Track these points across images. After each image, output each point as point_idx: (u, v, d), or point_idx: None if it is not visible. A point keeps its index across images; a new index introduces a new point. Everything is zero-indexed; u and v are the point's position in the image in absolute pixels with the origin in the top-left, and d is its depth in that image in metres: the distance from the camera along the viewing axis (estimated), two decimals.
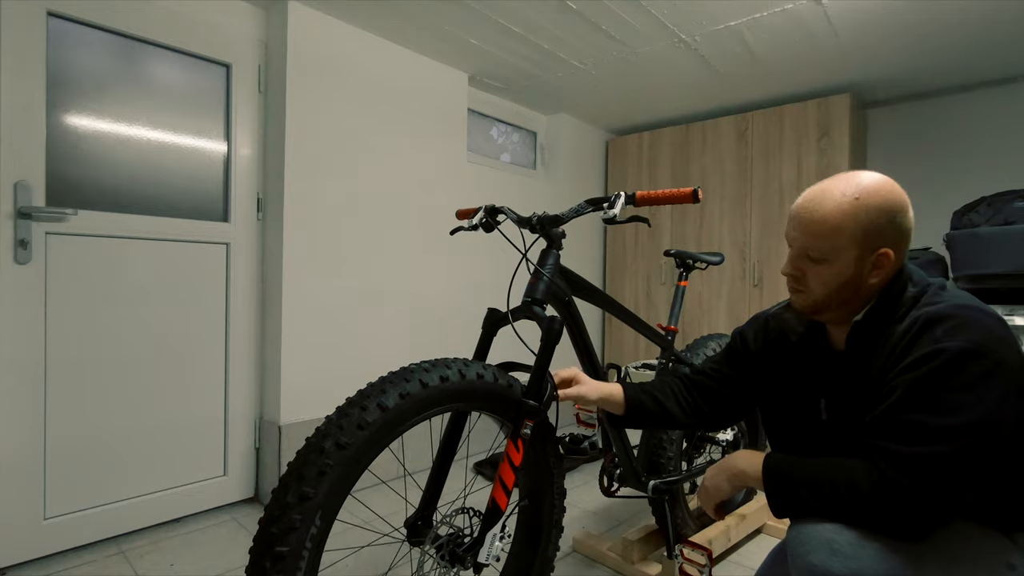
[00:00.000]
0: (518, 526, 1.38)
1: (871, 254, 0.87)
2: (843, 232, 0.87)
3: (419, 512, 1.17)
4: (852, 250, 0.87)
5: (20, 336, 1.67)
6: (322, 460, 0.90)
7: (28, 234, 1.67)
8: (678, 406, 1.22)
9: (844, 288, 0.90)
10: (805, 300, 0.95)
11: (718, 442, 1.90)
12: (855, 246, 0.87)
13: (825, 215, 0.88)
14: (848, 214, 0.87)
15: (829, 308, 0.93)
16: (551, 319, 1.17)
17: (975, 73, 2.72)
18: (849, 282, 0.89)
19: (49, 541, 1.73)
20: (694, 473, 1.75)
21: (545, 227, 1.28)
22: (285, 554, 0.86)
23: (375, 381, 1.02)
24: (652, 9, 2.15)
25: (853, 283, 0.89)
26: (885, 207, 0.86)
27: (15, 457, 1.67)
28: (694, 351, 1.86)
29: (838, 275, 0.89)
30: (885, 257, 0.87)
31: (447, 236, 2.74)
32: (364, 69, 2.37)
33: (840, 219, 0.87)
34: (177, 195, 2.01)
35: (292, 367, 2.16)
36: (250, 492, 2.21)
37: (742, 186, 3.19)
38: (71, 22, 1.76)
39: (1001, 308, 2.02)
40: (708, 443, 1.93)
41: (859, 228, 0.86)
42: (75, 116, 1.78)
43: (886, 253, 0.87)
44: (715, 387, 1.20)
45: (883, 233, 0.87)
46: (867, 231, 0.86)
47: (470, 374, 1.10)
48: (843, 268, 0.89)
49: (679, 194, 1.16)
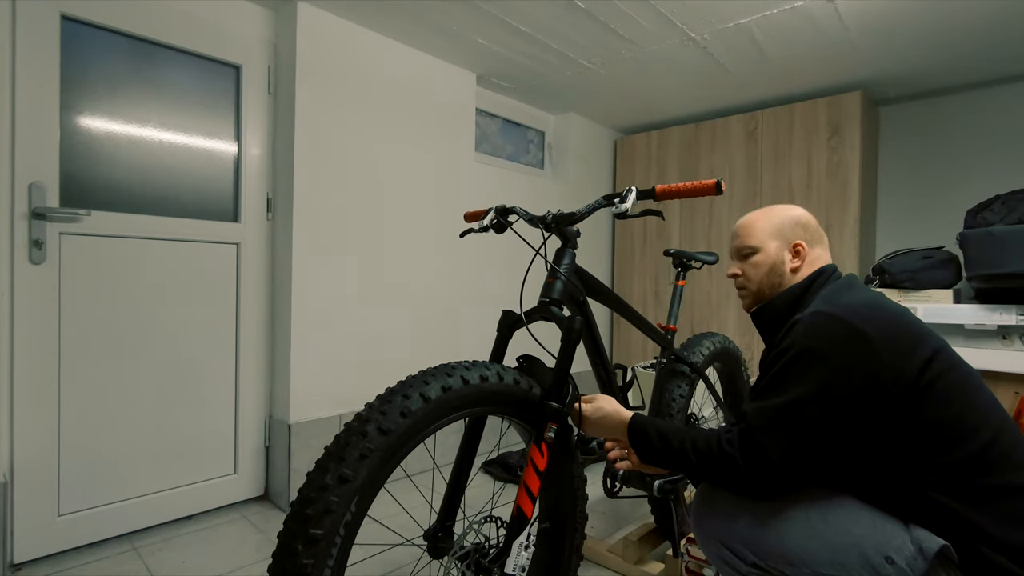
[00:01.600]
0: (536, 550, 1.33)
1: (788, 244, 1.17)
2: (765, 228, 1.18)
3: (439, 522, 1.13)
4: (773, 239, 1.17)
5: (35, 335, 1.69)
6: (364, 443, 0.88)
7: (43, 234, 1.69)
8: None
9: (772, 273, 1.16)
10: (748, 297, 1.22)
11: None
12: (774, 237, 1.17)
13: (751, 221, 1.21)
14: (764, 218, 1.20)
15: (765, 296, 1.19)
16: (570, 319, 1.16)
17: (988, 70, 2.68)
18: (775, 267, 1.16)
19: (63, 538, 1.76)
20: None
21: (560, 226, 1.27)
22: (319, 537, 0.81)
23: (416, 374, 1.00)
24: (661, 8, 2.14)
25: (778, 268, 1.16)
26: (791, 215, 1.18)
27: (30, 454, 1.69)
28: (690, 349, 1.86)
29: (766, 260, 1.17)
30: (800, 247, 1.15)
31: (456, 236, 2.75)
32: (373, 69, 2.37)
33: (761, 222, 1.20)
34: (188, 196, 2.03)
35: (302, 366, 2.17)
36: (260, 490, 2.23)
37: (751, 185, 3.17)
38: (84, 25, 1.78)
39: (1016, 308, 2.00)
40: None
41: (774, 226, 1.18)
42: (88, 118, 1.80)
43: (800, 244, 1.15)
44: None
45: (794, 230, 1.17)
46: (781, 228, 1.17)
47: (507, 377, 1.09)
48: (768, 254, 1.17)
49: (701, 186, 1.15)
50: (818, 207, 2.93)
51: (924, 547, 0.84)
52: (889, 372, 0.90)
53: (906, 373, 0.89)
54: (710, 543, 1.02)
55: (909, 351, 0.91)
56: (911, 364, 0.90)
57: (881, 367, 0.90)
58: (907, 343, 0.92)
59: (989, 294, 2.08)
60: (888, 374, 0.89)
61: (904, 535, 0.87)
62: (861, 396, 0.90)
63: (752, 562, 0.94)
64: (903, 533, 0.87)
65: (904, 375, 0.89)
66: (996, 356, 2.04)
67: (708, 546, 1.03)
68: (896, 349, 0.91)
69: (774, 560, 0.92)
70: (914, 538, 0.86)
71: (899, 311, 0.97)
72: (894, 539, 0.87)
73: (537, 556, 1.32)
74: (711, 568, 1.48)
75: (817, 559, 0.88)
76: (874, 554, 0.86)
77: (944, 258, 2.24)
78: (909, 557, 0.84)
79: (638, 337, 3.66)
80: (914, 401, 0.89)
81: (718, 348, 1.96)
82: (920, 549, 0.84)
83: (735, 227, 1.25)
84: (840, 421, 0.90)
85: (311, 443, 2.18)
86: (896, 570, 0.84)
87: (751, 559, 0.94)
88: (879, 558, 0.85)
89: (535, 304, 1.25)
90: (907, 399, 0.89)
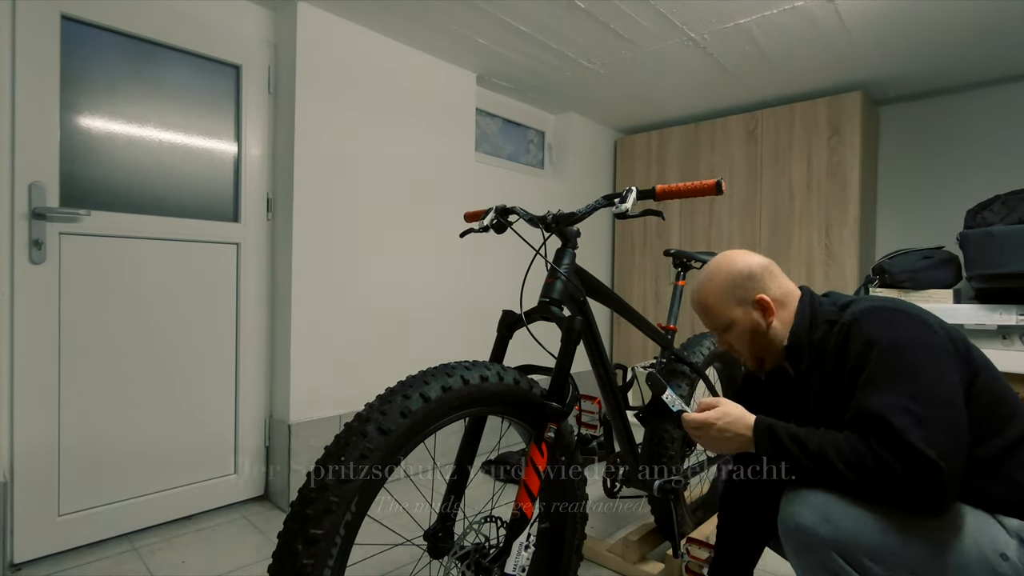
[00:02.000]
0: (536, 550, 1.32)
1: (750, 303, 1.11)
2: (720, 303, 1.12)
3: (439, 522, 1.13)
4: (734, 309, 1.12)
5: (35, 335, 1.69)
6: (364, 443, 0.88)
7: (43, 234, 1.69)
8: None
9: (756, 336, 1.11)
10: (749, 361, 1.17)
11: None
12: (735, 305, 1.11)
13: (703, 301, 1.16)
14: (714, 291, 1.14)
15: (763, 359, 1.14)
16: (571, 319, 1.15)
17: (989, 70, 2.68)
18: (755, 330, 1.11)
19: (63, 538, 1.76)
20: (697, 471, 1.74)
21: (560, 225, 1.27)
22: (319, 537, 0.81)
23: (416, 374, 1.00)
24: (661, 8, 2.14)
25: (758, 330, 1.11)
26: (733, 273, 1.12)
27: (30, 454, 1.69)
28: (689, 349, 1.86)
29: (744, 329, 1.12)
30: (763, 301, 1.09)
31: (456, 236, 2.75)
32: (373, 69, 2.37)
33: (712, 296, 1.14)
34: (188, 196, 2.03)
35: (302, 366, 2.17)
36: (260, 490, 2.23)
37: (751, 185, 3.17)
38: (84, 25, 1.78)
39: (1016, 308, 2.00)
40: None
41: (727, 294, 1.12)
42: (88, 117, 1.80)
43: (760, 298, 1.09)
44: None
45: (744, 287, 1.11)
46: (734, 293, 1.11)
47: (507, 377, 1.09)
48: (742, 323, 1.11)
49: (702, 186, 1.14)
50: (818, 207, 2.93)
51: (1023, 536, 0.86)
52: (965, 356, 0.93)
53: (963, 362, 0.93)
54: (818, 552, 0.90)
55: (960, 340, 0.95)
56: (964, 354, 0.94)
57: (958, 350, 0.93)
58: (953, 333, 0.96)
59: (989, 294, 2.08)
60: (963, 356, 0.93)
61: (1000, 528, 0.88)
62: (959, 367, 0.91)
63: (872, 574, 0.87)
64: (999, 526, 0.88)
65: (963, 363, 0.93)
66: (996, 356, 2.04)
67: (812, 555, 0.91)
68: (952, 335, 0.95)
69: (899, 570, 0.87)
70: (1010, 529, 0.88)
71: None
72: (999, 534, 0.87)
73: (537, 556, 1.32)
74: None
75: (944, 566, 0.86)
76: (991, 553, 0.86)
77: (944, 258, 2.24)
78: (1015, 550, 0.86)
79: (638, 337, 3.66)
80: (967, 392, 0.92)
81: (718, 348, 1.96)
82: (1021, 540, 0.86)
83: (693, 305, 1.20)
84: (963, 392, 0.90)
85: (311, 443, 2.18)
86: (1011, 566, 0.85)
87: (874, 571, 0.87)
88: (996, 557, 0.86)
89: (535, 304, 1.24)
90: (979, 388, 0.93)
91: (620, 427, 1.54)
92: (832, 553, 0.88)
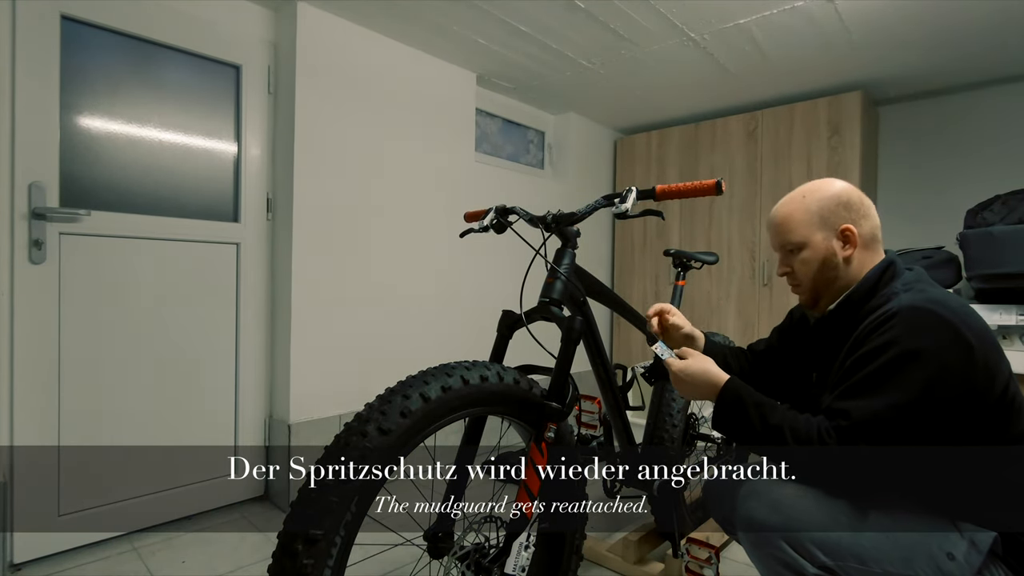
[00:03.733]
0: (536, 552, 1.32)
1: (835, 231, 1.06)
2: (804, 220, 1.07)
3: (439, 522, 1.13)
4: (817, 231, 1.06)
5: (35, 335, 1.69)
6: (364, 444, 0.87)
7: (43, 234, 1.69)
8: (740, 371, 1.34)
9: (825, 267, 1.07)
10: (803, 293, 1.12)
11: (713, 439, 1.90)
12: (818, 227, 1.06)
13: (787, 214, 1.10)
14: (802, 208, 1.08)
15: (822, 293, 1.09)
16: (571, 319, 1.15)
17: (988, 70, 2.68)
18: (827, 260, 1.06)
19: (63, 538, 1.76)
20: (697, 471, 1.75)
21: (560, 225, 1.27)
22: (319, 537, 0.81)
23: (416, 374, 0.99)
24: (661, 8, 2.14)
25: (831, 261, 1.06)
26: (829, 194, 1.07)
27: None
28: None
29: (815, 255, 1.07)
30: (849, 231, 1.05)
31: (456, 236, 2.75)
32: (373, 70, 2.37)
33: (799, 213, 1.08)
34: (188, 196, 2.03)
35: (302, 366, 2.17)
36: (260, 490, 2.23)
37: (751, 185, 3.17)
38: (84, 25, 1.78)
39: (1016, 308, 2.00)
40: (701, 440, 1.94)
41: (814, 214, 1.07)
42: (88, 117, 1.80)
43: (848, 228, 1.05)
44: (764, 360, 1.35)
45: (837, 213, 1.06)
46: (822, 214, 1.06)
47: (507, 377, 1.09)
48: (817, 248, 1.07)
49: (702, 186, 1.14)
50: None
51: (977, 540, 0.89)
52: (984, 382, 0.91)
53: (996, 385, 0.92)
54: (768, 542, 0.93)
55: (998, 363, 0.94)
56: (1000, 377, 0.93)
57: (978, 376, 0.90)
58: (997, 355, 0.94)
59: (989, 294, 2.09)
60: (983, 384, 0.91)
61: (955, 532, 0.91)
62: (958, 403, 0.91)
63: (821, 563, 0.90)
64: (952, 527, 0.91)
65: (994, 387, 0.92)
66: None
67: (764, 546, 0.94)
68: (990, 359, 0.92)
69: (847, 560, 0.89)
70: (964, 531, 0.91)
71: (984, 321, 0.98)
72: (951, 534, 0.90)
73: (537, 556, 1.32)
74: (711, 568, 1.48)
75: (890, 558, 0.89)
76: (938, 551, 0.89)
77: (944, 258, 2.24)
78: (965, 552, 0.89)
79: (638, 337, 3.66)
80: (1003, 413, 0.93)
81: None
82: (972, 543, 0.89)
83: (770, 218, 1.14)
84: (935, 427, 0.91)
85: (311, 443, 2.18)
86: (956, 566, 0.88)
87: (820, 560, 0.90)
88: (942, 555, 0.89)
89: (535, 304, 1.24)
90: (996, 411, 0.92)
91: (620, 427, 1.54)
92: (780, 541, 0.92)
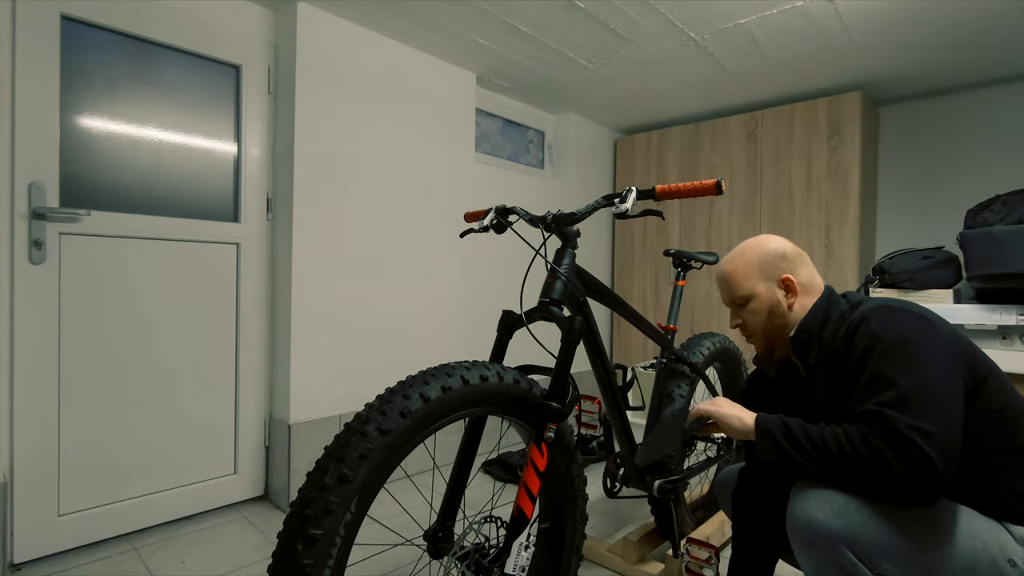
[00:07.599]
0: (536, 551, 1.32)
1: (776, 281, 1.15)
2: (747, 274, 1.17)
3: (439, 522, 1.13)
4: (760, 282, 1.15)
5: (35, 335, 1.69)
6: (364, 444, 0.87)
7: (43, 234, 1.69)
8: None
9: (772, 315, 1.14)
10: (758, 343, 1.19)
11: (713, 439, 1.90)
12: (759, 279, 1.15)
13: (732, 270, 1.19)
14: (743, 263, 1.18)
15: (775, 340, 1.16)
16: (571, 319, 1.15)
17: (988, 70, 2.68)
18: (773, 308, 1.14)
19: (63, 538, 1.76)
20: (696, 471, 1.75)
21: (560, 226, 1.27)
22: (318, 538, 0.81)
23: (416, 374, 1.00)
24: (661, 8, 2.14)
25: (777, 309, 1.14)
26: (767, 249, 1.16)
27: (30, 454, 1.69)
28: (689, 349, 1.86)
29: (762, 305, 1.15)
30: (788, 280, 1.13)
31: (456, 236, 2.75)
32: (373, 69, 2.37)
33: (742, 267, 1.18)
34: (188, 196, 2.03)
35: (302, 366, 2.17)
36: (260, 491, 2.23)
37: (751, 185, 3.17)
38: (84, 25, 1.78)
39: (1016, 308, 2.00)
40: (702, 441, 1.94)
41: (755, 267, 1.16)
42: (88, 117, 1.80)
43: (787, 278, 1.13)
44: None
45: (775, 265, 1.15)
46: (762, 267, 1.16)
47: (507, 377, 1.09)
48: (762, 298, 1.15)
49: (701, 186, 1.15)
50: (818, 207, 2.93)
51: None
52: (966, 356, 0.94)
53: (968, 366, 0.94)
54: (828, 547, 0.89)
55: (967, 345, 0.96)
56: (970, 358, 0.95)
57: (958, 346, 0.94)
58: (959, 338, 0.97)
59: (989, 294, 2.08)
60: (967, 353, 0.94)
61: (1008, 535, 0.90)
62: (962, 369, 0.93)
63: (883, 571, 0.87)
64: (1007, 532, 0.90)
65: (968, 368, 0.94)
66: (996, 356, 2.04)
67: (824, 550, 0.89)
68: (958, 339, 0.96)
69: (911, 568, 0.87)
70: (1017, 537, 0.89)
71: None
72: (1008, 540, 0.89)
73: (537, 556, 1.32)
74: (711, 568, 1.48)
75: (953, 567, 0.86)
76: (999, 558, 0.87)
77: (944, 258, 2.24)
78: (1023, 557, 0.88)
79: (638, 337, 3.66)
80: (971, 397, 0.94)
81: (718, 348, 1.96)
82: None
83: (717, 277, 1.23)
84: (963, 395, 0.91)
85: (311, 443, 2.18)
86: (1018, 572, 0.87)
87: (883, 567, 0.86)
88: (1004, 561, 0.87)
89: (535, 304, 1.24)
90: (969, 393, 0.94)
91: (620, 427, 1.54)
92: (843, 547, 0.87)
